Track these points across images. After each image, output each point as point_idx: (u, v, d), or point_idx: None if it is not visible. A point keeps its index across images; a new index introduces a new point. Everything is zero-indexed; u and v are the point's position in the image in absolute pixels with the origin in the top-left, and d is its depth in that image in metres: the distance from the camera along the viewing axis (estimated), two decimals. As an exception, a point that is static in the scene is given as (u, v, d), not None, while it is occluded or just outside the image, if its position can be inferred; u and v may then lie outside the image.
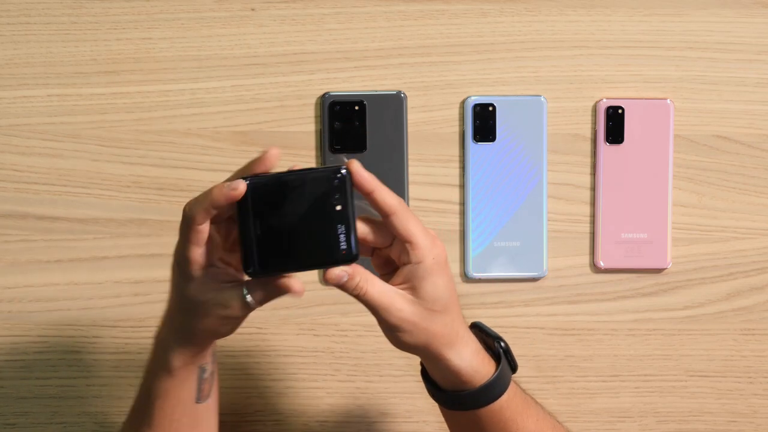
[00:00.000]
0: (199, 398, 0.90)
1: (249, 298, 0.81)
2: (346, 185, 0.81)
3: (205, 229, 0.80)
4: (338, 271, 0.81)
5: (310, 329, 1.15)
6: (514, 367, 0.89)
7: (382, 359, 1.15)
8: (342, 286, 0.82)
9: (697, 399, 1.17)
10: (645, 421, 1.17)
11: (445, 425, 0.91)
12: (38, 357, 1.15)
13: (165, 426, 0.90)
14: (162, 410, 0.89)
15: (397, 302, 0.82)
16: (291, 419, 1.16)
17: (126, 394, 1.15)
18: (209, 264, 0.82)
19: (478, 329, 0.90)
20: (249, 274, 0.81)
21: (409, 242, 0.82)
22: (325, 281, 0.81)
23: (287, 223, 0.80)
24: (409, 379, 1.15)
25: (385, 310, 0.82)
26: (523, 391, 0.91)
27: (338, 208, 0.81)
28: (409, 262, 0.82)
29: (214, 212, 0.80)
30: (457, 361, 0.85)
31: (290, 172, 0.82)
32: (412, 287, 0.83)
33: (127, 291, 1.14)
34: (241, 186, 0.79)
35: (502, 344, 0.88)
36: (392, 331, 0.83)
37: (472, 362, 0.85)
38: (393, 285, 0.83)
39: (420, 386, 0.90)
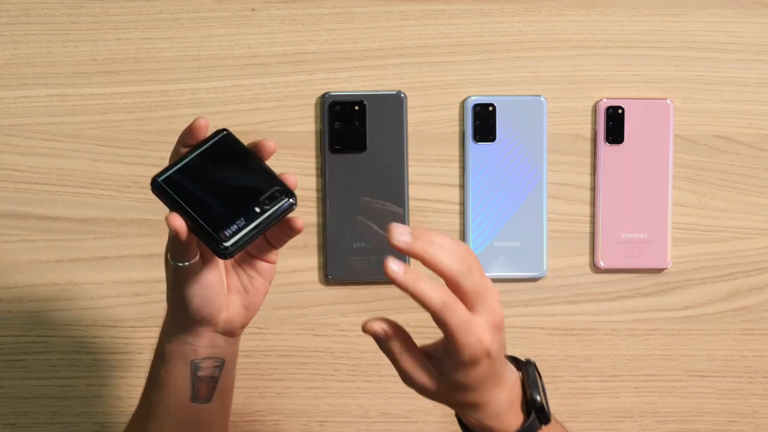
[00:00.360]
0: (195, 397, 0.90)
1: (169, 257, 0.83)
2: (280, 207, 0.81)
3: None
4: (377, 328, 0.78)
5: (310, 329, 1.15)
6: (545, 421, 0.84)
7: (382, 359, 1.14)
8: (377, 341, 0.79)
9: (697, 399, 1.17)
10: (645, 421, 1.17)
11: (444, 425, 0.91)
12: (38, 357, 1.15)
13: (160, 417, 0.90)
14: (159, 401, 0.90)
15: (420, 378, 0.79)
16: (291, 419, 1.16)
17: (126, 394, 1.15)
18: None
19: (525, 371, 0.85)
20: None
21: (446, 337, 0.77)
22: (363, 330, 0.79)
23: (216, 180, 0.81)
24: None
25: (408, 380, 0.80)
26: (557, 427, 0.88)
27: (257, 209, 0.80)
28: (446, 350, 0.78)
29: (183, 151, 0.85)
30: (472, 420, 0.82)
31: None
32: (443, 367, 0.79)
33: (127, 291, 1.14)
34: (203, 122, 0.83)
35: (537, 402, 0.83)
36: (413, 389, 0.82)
37: (486, 422, 0.82)
38: (429, 353, 0.80)
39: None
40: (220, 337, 0.89)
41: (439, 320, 0.76)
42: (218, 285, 0.86)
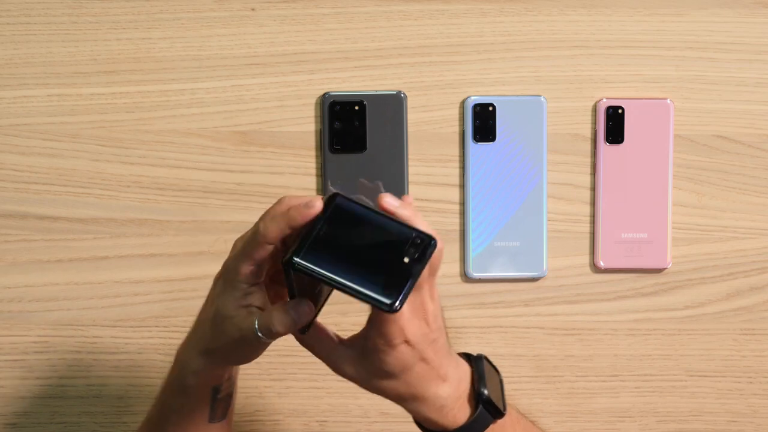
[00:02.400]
0: (213, 418, 0.89)
1: (257, 325, 0.80)
2: (427, 252, 0.77)
3: (271, 248, 0.78)
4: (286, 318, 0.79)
5: (310, 329, 1.15)
6: (497, 415, 0.85)
7: (382, 359, 1.15)
8: (294, 335, 0.81)
9: (697, 399, 1.17)
10: (645, 421, 1.17)
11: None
12: (38, 357, 1.15)
13: None
14: (175, 428, 0.88)
15: (339, 366, 0.82)
16: (291, 419, 1.16)
17: (126, 394, 1.15)
18: (253, 283, 0.80)
19: (476, 368, 0.86)
20: (285, 261, 0.75)
21: (371, 316, 0.79)
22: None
23: (352, 244, 0.76)
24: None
25: (330, 367, 0.82)
26: (516, 424, 0.88)
27: (406, 260, 0.76)
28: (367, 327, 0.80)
29: (288, 232, 0.77)
30: (413, 414, 0.84)
31: (311, 228, 0.77)
32: (362, 352, 0.80)
33: (127, 291, 1.14)
34: (318, 204, 0.76)
35: (484, 395, 0.84)
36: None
37: (429, 415, 0.83)
38: (356, 337, 0.82)
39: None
40: None
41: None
42: None
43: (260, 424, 1.16)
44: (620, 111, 1.13)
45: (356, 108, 1.12)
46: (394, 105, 1.12)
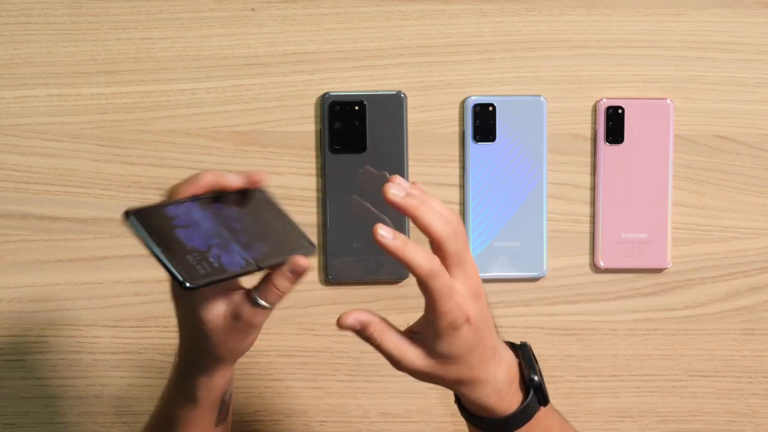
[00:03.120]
0: (219, 421, 0.90)
1: (261, 301, 0.80)
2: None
3: None
4: (351, 321, 0.79)
5: (310, 329, 1.15)
6: (543, 402, 0.86)
7: (382, 359, 1.15)
8: (356, 333, 0.80)
9: (697, 399, 1.17)
10: (645, 421, 1.17)
11: (444, 425, 0.91)
12: (38, 357, 1.15)
13: None
14: None
15: (407, 356, 0.80)
16: (291, 419, 1.16)
17: (126, 394, 1.15)
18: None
19: (523, 354, 0.87)
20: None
21: (428, 302, 0.79)
22: (339, 326, 0.79)
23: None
24: (409, 379, 1.15)
25: (397, 362, 0.81)
26: (554, 414, 0.89)
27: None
28: (427, 317, 0.80)
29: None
30: (473, 399, 0.83)
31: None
32: (426, 341, 0.80)
33: (127, 291, 1.14)
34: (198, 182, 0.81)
35: (535, 380, 0.85)
36: (407, 373, 0.82)
37: (488, 401, 0.83)
38: (412, 331, 0.82)
39: (420, 386, 0.90)
40: None
41: (425, 286, 0.78)
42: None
43: (260, 424, 1.16)
44: (620, 111, 1.13)
45: (356, 108, 1.12)
46: (394, 105, 1.12)
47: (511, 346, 0.87)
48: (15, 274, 1.14)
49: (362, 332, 0.80)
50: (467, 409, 0.85)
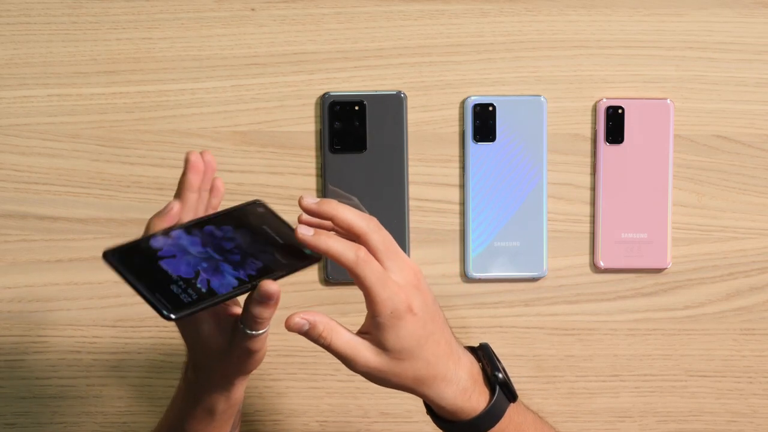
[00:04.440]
0: (233, 429, 0.90)
1: (248, 330, 0.80)
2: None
3: None
4: (298, 319, 0.80)
5: (310, 329, 1.15)
6: (512, 398, 0.86)
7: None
8: (305, 334, 0.80)
9: (697, 399, 1.17)
10: (645, 421, 1.17)
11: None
12: (38, 357, 1.15)
13: None
14: None
15: (361, 354, 0.80)
16: (291, 419, 1.16)
17: (126, 394, 1.15)
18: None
19: (484, 353, 0.87)
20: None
21: (365, 295, 0.79)
22: (286, 327, 0.80)
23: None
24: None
25: (351, 361, 0.81)
26: (527, 411, 0.88)
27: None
28: (370, 312, 0.80)
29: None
30: (438, 401, 0.83)
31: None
32: (376, 338, 0.80)
33: (127, 291, 1.13)
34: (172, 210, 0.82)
35: (499, 377, 0.85)
36: (364, 376, 0.82)
37: (455, 401, 0.83)
38: (361, 331, 0.82)
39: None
40: None
41: (356, 276, 0.79)
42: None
43: (260, 424, 1.16)
44: (620, 111, 1.13)
45: (356, 108, 1.12)
46: (394, 105, 1.12)
47: (470, 349, 0.87)
48: (15, 274, 1.14)
49: (310, 332, 0.80)
50: (438, 415, 0.85)
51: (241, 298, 0.81)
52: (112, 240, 1.13)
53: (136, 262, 0.77)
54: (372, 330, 0.81)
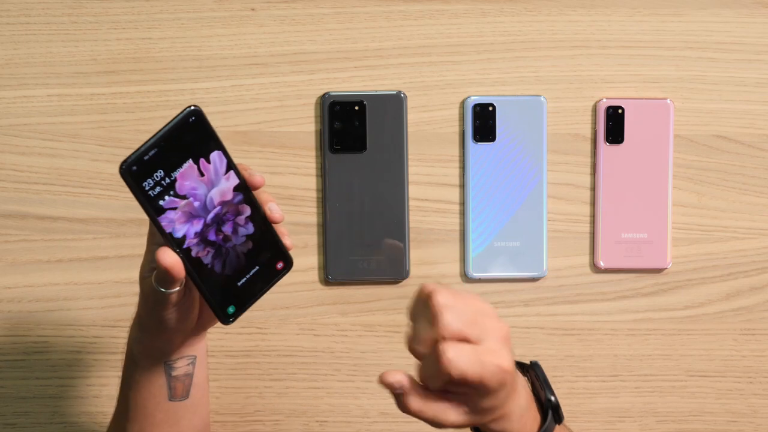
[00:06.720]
0: (173, 396, 0.90)
1: (154, 281, 0.83)
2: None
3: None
4: (393, 380, 0.76)
5: (310, 329, 1.15)
6: (559, 420, 0.85)
7: (382, 359, 1.15)
8: (394, 395, 0.77)
9: (697, 399, 1.17)
10: (645, 421, 1.17)
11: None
12: (38, 357, 1.15)
13: (140, 419, 0.91)
14: (135, 402, 0.90)
15: (449, 417, 0.77)
16: (291, 419, 1.16)
17: (126, 394, 1.15)
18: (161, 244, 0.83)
19: (536, 374, 0.85)
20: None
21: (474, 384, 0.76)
22: (380, 383, 0.76)
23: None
24: (409, 379, 1.15)
25: (438, 425, 0.78)
26: (567, 430, 0.88)
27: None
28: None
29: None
30: (500, 430, 0.81)
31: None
32: (469, 400, 0.77)
33: (127, 291, 1.14)
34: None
35: (552, 400, 0.83)
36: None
37: (513, 428, 0.80)
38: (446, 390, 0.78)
39: (420, 386, 0.90)
40: (189, 336, 0.89)
41: (462, 383, 0.75)
42: (194, 304, 0.86)
43: (260, 424, 1.16)
44: (620, 111, 1.13)
45: (356, 108, 1.12)
46: (394, 105, 1.12)
47: (520, 366, 0.85)
48: (15, 274, 1.14)
49: (400, 399, 0.77)
50: None
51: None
52: (112, 240, 1.14)
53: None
54: (465, 392, 0.77)
